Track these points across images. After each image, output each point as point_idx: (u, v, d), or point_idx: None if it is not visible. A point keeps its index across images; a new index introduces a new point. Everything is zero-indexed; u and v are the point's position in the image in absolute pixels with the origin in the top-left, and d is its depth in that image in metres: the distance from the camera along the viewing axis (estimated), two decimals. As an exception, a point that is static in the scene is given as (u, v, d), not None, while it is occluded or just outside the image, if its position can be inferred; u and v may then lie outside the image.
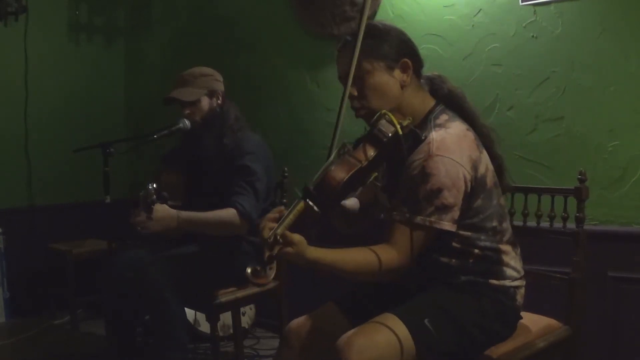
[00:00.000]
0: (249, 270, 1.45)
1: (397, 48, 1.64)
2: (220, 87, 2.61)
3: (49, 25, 3.95)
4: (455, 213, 1.55)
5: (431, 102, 1.68)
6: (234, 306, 2.58)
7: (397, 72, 1.64)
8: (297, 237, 1.46)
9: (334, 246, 1.55)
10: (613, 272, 2.38)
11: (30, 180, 3.88)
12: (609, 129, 2.39)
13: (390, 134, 1.53)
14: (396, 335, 1.50)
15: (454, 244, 1.62)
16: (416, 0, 2.88)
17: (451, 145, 1.56)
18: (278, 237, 1.45)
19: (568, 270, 1.93)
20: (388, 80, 1.63)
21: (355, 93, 1.66)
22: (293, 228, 1.47)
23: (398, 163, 1.62)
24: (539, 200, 2.08)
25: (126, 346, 2.54)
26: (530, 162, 2.57)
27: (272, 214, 1.53)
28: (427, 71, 1.77)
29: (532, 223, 2.09)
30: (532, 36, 2.55)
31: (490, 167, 1.65)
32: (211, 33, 3.83)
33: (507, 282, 1.67)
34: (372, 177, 1.64)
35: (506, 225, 1.69)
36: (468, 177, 1.56)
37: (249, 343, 3.21)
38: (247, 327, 3.33)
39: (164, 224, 2.29)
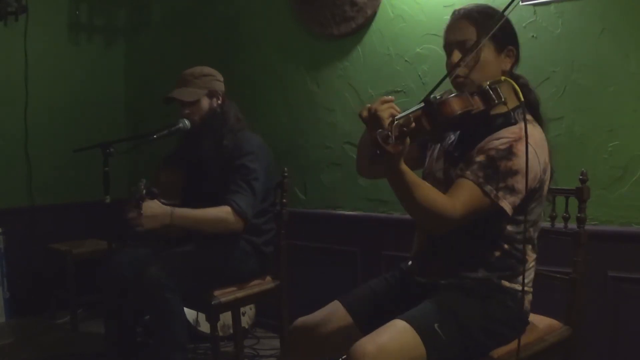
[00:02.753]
0: (380, 133, 1.40)
1: (509, 35, 1.72)
2: (220, 87, 2.61)
3: (49, 25, 3.96)
4: (517, 199, 1.59)
5: (515, 100, 1.72)
6: (234, 306, 2.58)
7: (502, 56, 1.71)
8: (408, 141, 1.45)
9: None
10: (613, 272, 2.38)
11: (30, 180, 3.88)
12: (609, 129, 2.39)
13: (497, 101, 1.57)
14: (408, 342, 1.51)
15: (492, 233, 1.66)
16: (416, 0, 2.88)
17: (538, 141, 1.64)
18: (394, 128, 1.40)
19: (568, 270, 1.93)
20: (494, 59, 1.69)
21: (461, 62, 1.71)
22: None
23: (475, 136, 1.67)
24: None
25: (126, 346, 2.54)
26: (530, 162, 2.57)
27: (385, 98, 1.49)
28: (427, 71, 1.78)
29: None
30: (532, 36, 2.55)
31: (549, 179, 1.72)
32: (211, 33, 3.83)
33: (517, 286, 1.68)
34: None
35: (536, 235, 1.74)
36: (538, 176, 1.63)
37: (249, 343, 3.21)
38: (247, 327, 3.34)
39: (157, 220, 2.28)
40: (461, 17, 1.70)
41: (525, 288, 1.71)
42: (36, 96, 3.87)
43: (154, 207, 2.26)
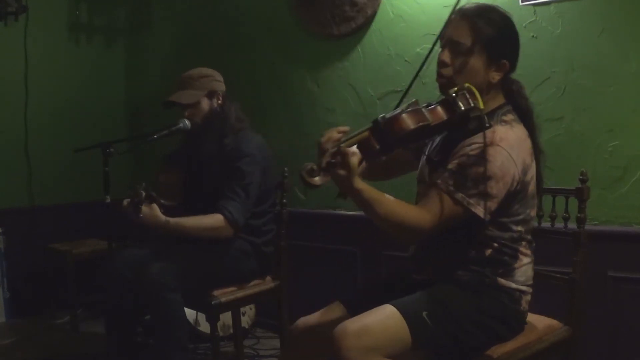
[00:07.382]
0: (305, 167, 1.46)
1: (506, 49, 1.67)
2: (220, 87, 2.61)
3: (49, 25, 3.96)
4: (493, 204, 1.58)
5: (501, 100, 1.72)
6: (234, 306, 2.58)
7: (492, 70, 1.66)
8: (354, 163, 1.47)
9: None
10: (613, 272, 2.38)
11: (30, 180, 3.89)
12: (609, 129, 2.39)
13: (464, 108, 1.53)
14: (393, 325, 1.52)
15: (477, 235, 1.65)
16: (416, 0, 2.88)
17: (513, 143, 1.60)
18: (339, 151, 1.46)
19: (568, 270, 1.93)
20: (482, 70, 1.65)
21: (448, 62, 1.66)
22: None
23: (455, 140, 1.65)
24: (540, 201, 2.08)
25: (126, 346, 2.54)
26: (530, 162, 2.57)
27: (337, 129, 1.56)
28: (427, 71, 1.78)
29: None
30: (532, 36, 2.55)
31: (534, 178, 1.69)
32: (211, 33, 3.82)
33: (514, 285, 1.68)
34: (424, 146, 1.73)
35: (529, 235, 1.73)
36: (517, 177, 1.60)
37: (249, 343, 3.21)
38: (247, 327, 3.34)
39: (152, 226, 2.31)
40: (462, 17, 1.66)
41: (523, 287, 1.70)
42: (36, 96, 3.87)
43: (150, 216, 2.26)
